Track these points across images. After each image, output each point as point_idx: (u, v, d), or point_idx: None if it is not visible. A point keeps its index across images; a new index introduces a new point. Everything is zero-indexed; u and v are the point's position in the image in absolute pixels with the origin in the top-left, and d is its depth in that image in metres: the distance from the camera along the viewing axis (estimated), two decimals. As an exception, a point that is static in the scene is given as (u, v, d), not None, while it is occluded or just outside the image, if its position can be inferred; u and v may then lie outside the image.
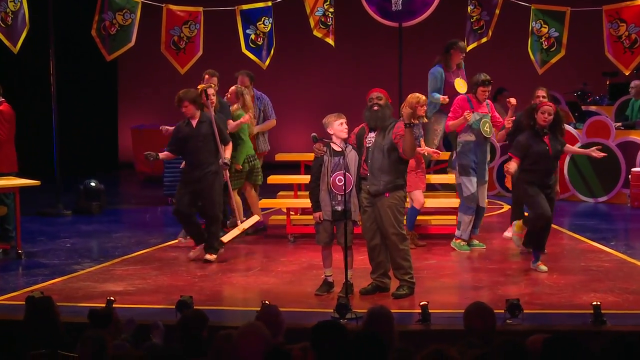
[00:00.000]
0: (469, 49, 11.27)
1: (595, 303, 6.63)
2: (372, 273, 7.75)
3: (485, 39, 11.58)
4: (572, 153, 10.75)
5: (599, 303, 6.63)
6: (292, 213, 10.16)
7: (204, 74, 10.06)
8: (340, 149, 7.58)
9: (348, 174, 7.44)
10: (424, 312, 6.62)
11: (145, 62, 15.64)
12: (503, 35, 12.45)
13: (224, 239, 9.18)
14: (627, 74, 11.79)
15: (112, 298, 6.74)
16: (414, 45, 13.49)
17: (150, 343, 5.47)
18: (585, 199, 12.48)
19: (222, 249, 9.17)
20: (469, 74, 10.73)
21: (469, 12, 11.50)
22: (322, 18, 11.39)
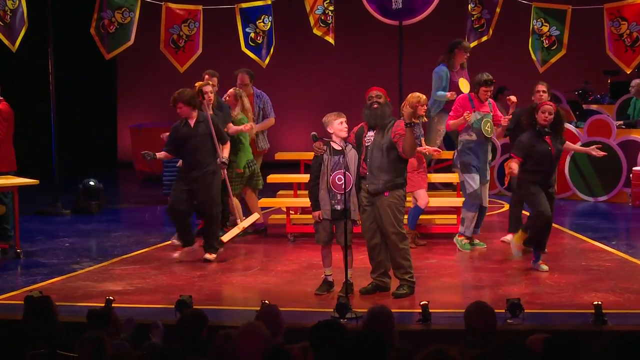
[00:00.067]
0: (469, 48, 11.26)
1: (597, 303, 6.61)
2: (372, 272, 7.73)
3: (486, 38, 11.55)
4: (571, 150, 10.72)
5: (600, 303, 6.61)
6: (291, 212, 10.13)
7: (204, 74, 10.01)
8: (340, 148, 7.55)
9: (348, 173, 7.41)
10: (425, 311, 6.61)
11: (145, 60, 15.63)
12: (504, 34, 12.43)
13: (224, 239, 9.15)
14: (628, 73, 11.77)
15: (111, 297, 6.73)
16: (414, 44, 13.46)
17: (150, 343, 5.46)
18: (586, 198, 12.45)
19: (221, 249, 9.14)
20: (469, 73, 10.71)
21: (470, 10, 11.48)
22: (322, 16, 11.36)
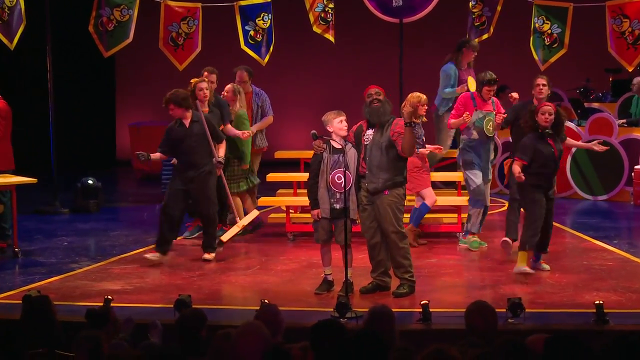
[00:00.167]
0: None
1: (598, 302, 6.58)
2: (372, 272, 7.69)
3: (487, 36, 11.52)
4: (573, 147, 10.65)
5: (602, 302, 6.58)
6: (291, 211, 10.10)
7: (203, 71, 9.97)
8: (340, 147, 7.51)
9: (347, 172, 7.37)
10: (425, 311, 6.59)
11: (144, 58, 15.60)
12: (505, 32, 12.38)
13: (224, 238, 9.11)
14: (630, 71, 11.72)
15: (109, 297, 6.71)
16: (415, 42, 13.42)
17: (148, 342, 5.44)
18: (587, 197, 12.42)
19: (221, 248, 9.09)
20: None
21: (471, 7, 11.45)
22: (321, 14, 11.32)
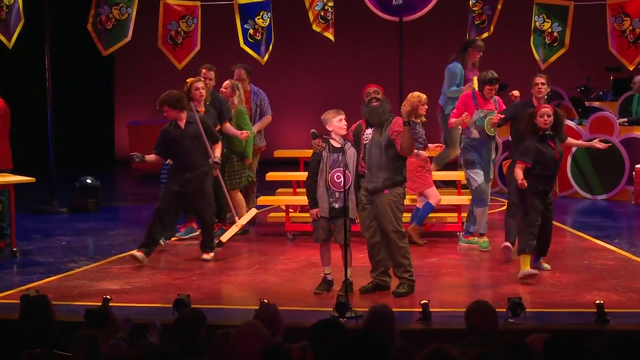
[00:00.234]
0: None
1: (599, 302, 6.57)
2: (372, 271, 7.67)
3: (487, 34, 11.48)
4: (574, 146, 10.62)
5: (602, 302, 6.57)
6: (290, 210, 10.07)
7: (201, 69, 9.94)
8: (340, 146, 7.48)
9: (347, 171, 7.34)
10: (425, 310, 6.58)
11: (142, 57, 15.55)
12: (505, 31, 12.35)
13: (223, 238, 9.07)
14: (631, 69, 11.67)
15: (108, 297, 6.73)
16: (415, 40, 13.39)
17: (147, 342, 5.43)
18: (588, 196, 12.40)
19: (220, 248, 9.06)
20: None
21: (471, 6, 11.42)
22: (321, 12, 11.29)
